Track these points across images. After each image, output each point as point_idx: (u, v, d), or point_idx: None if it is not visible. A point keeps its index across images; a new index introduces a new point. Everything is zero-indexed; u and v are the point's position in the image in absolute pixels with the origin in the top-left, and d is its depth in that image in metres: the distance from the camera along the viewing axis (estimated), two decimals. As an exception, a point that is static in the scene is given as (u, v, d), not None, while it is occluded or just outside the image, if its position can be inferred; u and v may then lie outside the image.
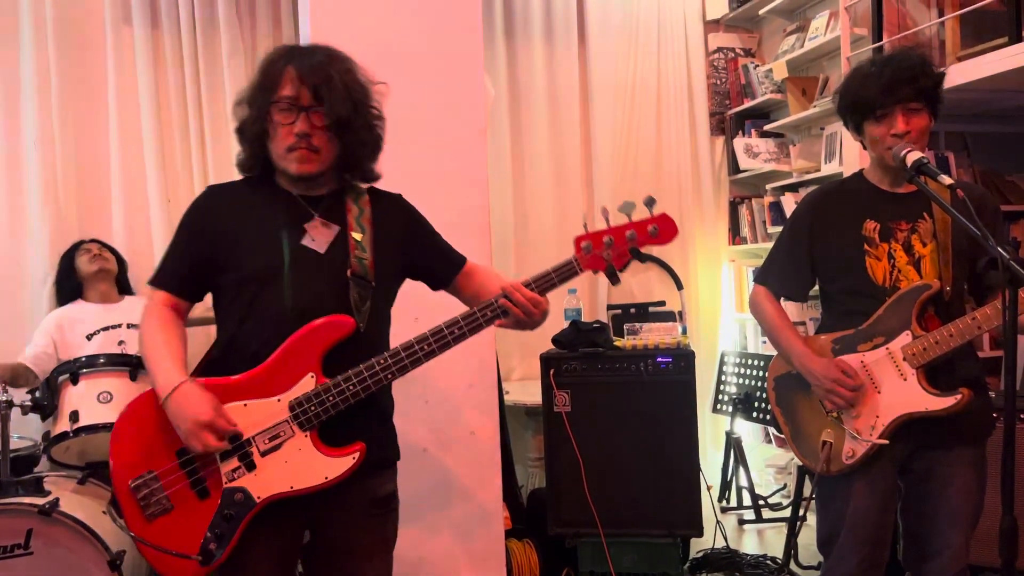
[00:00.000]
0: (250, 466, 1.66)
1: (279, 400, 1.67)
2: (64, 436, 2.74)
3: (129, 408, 1.71)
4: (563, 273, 1.75)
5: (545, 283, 1.74)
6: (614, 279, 1.77)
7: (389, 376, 1.69)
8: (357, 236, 1.75)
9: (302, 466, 1.66)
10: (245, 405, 1.66)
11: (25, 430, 3.17)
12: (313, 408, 1.66)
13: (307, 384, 1.67)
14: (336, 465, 1.67)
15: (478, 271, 1.95)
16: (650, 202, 1.76)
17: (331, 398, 1.66)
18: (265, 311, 1.69)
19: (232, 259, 1.72)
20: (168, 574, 1.66)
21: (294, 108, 1.67)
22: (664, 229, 1.76)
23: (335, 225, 1.76)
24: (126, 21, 3.84)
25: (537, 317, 1.74)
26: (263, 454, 1.66)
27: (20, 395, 2.91)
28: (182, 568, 1.64)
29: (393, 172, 2.68)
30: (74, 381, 2.83)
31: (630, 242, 1.76)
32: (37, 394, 2.90)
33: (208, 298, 1.83)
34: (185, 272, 1.77)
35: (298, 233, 1.73)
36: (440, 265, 1.93)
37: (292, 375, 1.67)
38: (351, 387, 1.66)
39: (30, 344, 3.17)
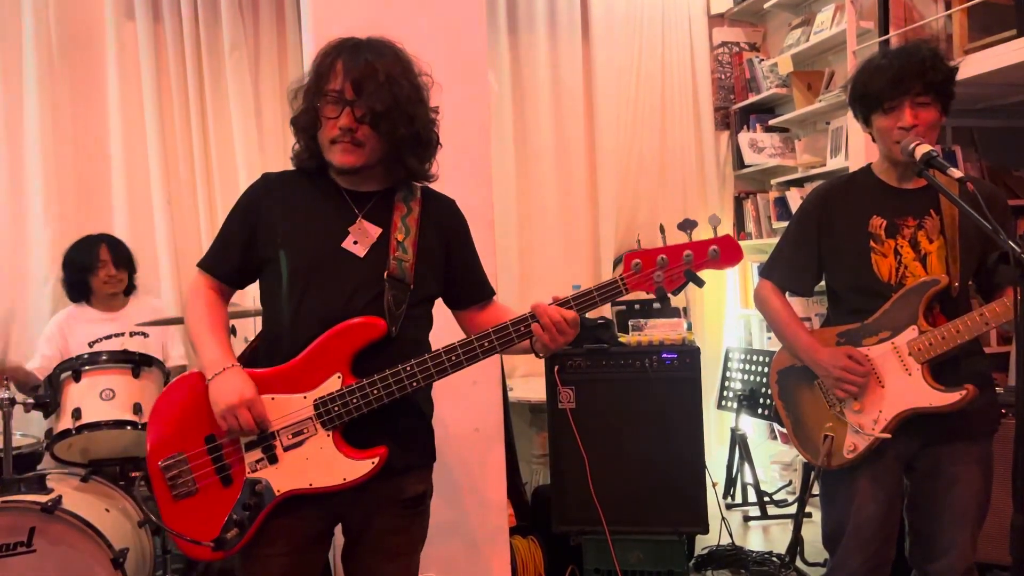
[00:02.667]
0: (273, 459, 1.68)
1: (305, 397, 1.67)
2: (67, 433, 2.73)
3: (168, 389, 1.76)
4: (606, 293, 1.67)
5: (586, 302, 1.67)
6: (665, 302, 1.70)
7: (414, 383, 1.66)
8: (400, 236, 1.73)
9: (322, 465, 1.67)
10: (273, 399, 1.68)
11: (28, 428, 3.17)
12: (336, 408, 1.66)
13: (333, 384, 1.67)
14: (356, 468, 1.67)
15: (499, 307, 1.92)
16: (715, 221, 1.65)
17: (354, 400, 1.65)
18: (301, 309, 1.70)
19: (275, 253, 1.73)
20: (186, 553, 1.74)
21: (340, 102, 1.67)
22: (727, 252, 1.64)
23: (378, 227, 1.74)
24: (128, 15, 3.84)
25: (570, 337, 1.68)
26: (286, 449, 1.67)
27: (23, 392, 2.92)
28: (199, 550, 1.68)
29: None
30: (76, 378, 2.82)
31: (686, 264, 1.64)
32: (40, 391, 2.89)
33: None
34: (232, 259, 1.78)
35: (341, 235, 1.73)
36: (469, 285, 1.90)
37: (320, 374, 1.67)
38: (375, 391, 1.65)
39: (36, 354, 3.16)
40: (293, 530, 1.70)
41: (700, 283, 1.65)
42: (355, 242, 1.72)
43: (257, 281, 1.82)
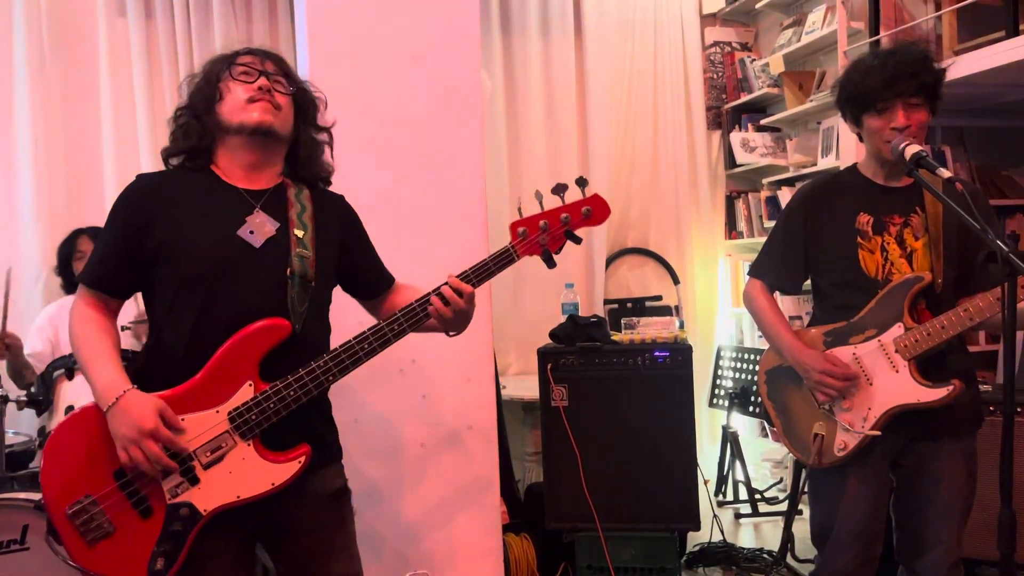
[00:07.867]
0: (193, 480, 1.60)
1: (217, 411, 1.61)
2: (60, 431, 2.73)
3: (60, 429, 1.64)
4: (500, 261, 1.74)
5: (483, 272, 1.73)
6: (550, 263, 1.77)
7: (330, 379, 1.65)
8: (299, 233, 1.71)
9: (247, 475, 1.62)
10: (183, 419, 1.60)
11: (21, 425, 3.16)
12: (254, 417, 1.62)
13: (246, 393, 1.62)
14: (282, 471, 1.64)
15: (404, 288, 1.93)
16: (582, 183, 1.77)
17: (272, 405, 1.62)
18: (200, 313, 1.63)
19: (167, 253, 1.65)
20: None
21: (254, 71, 1.69)
22: (597, 210, 1.78)
23: (276, 221, 1.70)
24: (120, 12, 3.84)
25: (465, 307, 1.72)
26: (206, 467, 1.61)
27: (16, 390, 2.91)
28: None
29: (390, 166, 2.69)
30: (70, 376, 2.81)
31: (564, 225, 1.76)
32: (33, 389, 2.89)
33: None
34: (119, 270, 1.69)
35: (237, 224, 1.67)
36: (372, 276, 1.92)
37: (230, 384, 1.62)
38: (291, 393, 1.62)
39: (26, 344, 3.15)
40: (223, 546, 1.65)
41: (578, 240, 1.79)
42: (251, 231, 1.67)
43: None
